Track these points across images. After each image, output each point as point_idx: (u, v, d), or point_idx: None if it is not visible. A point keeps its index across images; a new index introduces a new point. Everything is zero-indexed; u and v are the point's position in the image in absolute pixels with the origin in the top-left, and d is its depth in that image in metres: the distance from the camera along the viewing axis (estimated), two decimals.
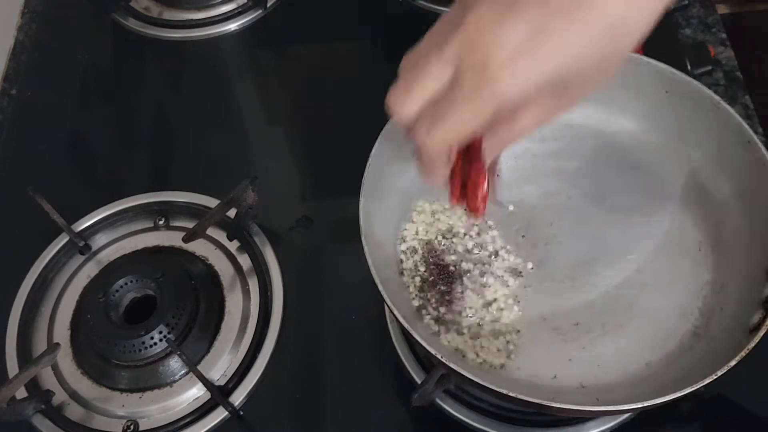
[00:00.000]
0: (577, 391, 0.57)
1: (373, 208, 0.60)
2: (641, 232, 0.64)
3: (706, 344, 0.58)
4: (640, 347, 0.59)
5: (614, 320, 0.60)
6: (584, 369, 0.58)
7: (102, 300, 0.67)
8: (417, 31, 0.96)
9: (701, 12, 0.88)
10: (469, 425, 0.63)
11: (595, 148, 0.69)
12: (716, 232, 0.63)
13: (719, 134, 0.63)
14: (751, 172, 0.60)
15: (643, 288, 0.62)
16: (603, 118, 0.69)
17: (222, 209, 0.71)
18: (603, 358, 0.59)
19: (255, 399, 0.66)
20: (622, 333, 0.60)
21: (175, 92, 0.89)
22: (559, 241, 0.65)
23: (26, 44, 0.94)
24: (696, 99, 0.63)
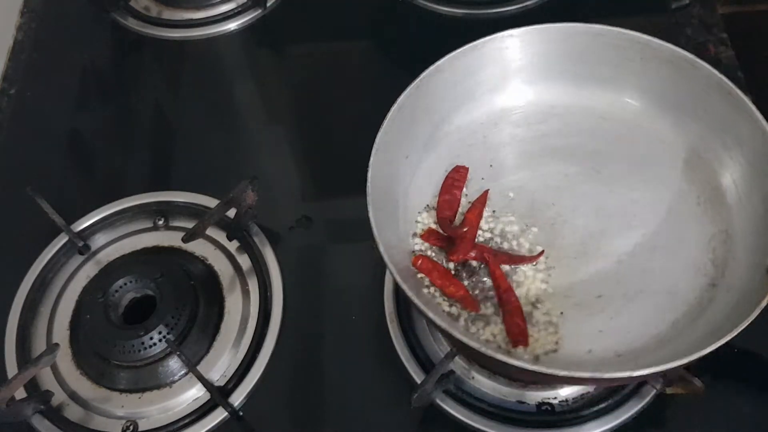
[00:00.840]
0: (615, 360, 0.57)
1: (381, 212, 0.60)
2: (641, 198, 0.65)
3: (726, 294, 0.59)
4: (663, 308, 0.60)
5: (633, 287, 0.61)
6: (616, 338, 0.59)
7: (101, 300, 0.67)
8: (417, 31, 0.97)
9: (701, 12, 0.88)
10: (469, 425, 0.63)
11: (581, 125, 0.70)
12: (712, 184, 0.65)
13: (703, 94, 0.64)
14: (735, 121, 0.62)
15: (654, 251, 0.63)
16: (584, 94, 0.70)
17: (222, 209, 0.71)
18: (631, 325, 0.59)
19: (255, 399, 0.66)
20: (643, 297, 0.61)
21: (175, 92, 0.89)
22: (564, 219, 0.65)
23: (26, 44, 0.94)
24: (674, 62, 0.65)
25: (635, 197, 0.66)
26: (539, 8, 0.89)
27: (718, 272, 0.61)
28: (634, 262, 0.62)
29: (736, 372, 0.64)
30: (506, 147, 0.70)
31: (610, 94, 0.70)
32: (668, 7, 0.87)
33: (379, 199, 0.60)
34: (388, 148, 0.62)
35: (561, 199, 0.66)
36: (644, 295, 0.61)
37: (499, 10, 0.89)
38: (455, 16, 0.90)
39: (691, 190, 0.65)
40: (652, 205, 0.65)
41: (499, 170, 0.68)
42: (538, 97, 0.71)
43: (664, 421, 0.63)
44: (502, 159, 0.69)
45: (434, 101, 0.68)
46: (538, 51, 0.70)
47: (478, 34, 0.67)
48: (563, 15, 0.88)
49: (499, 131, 0.70)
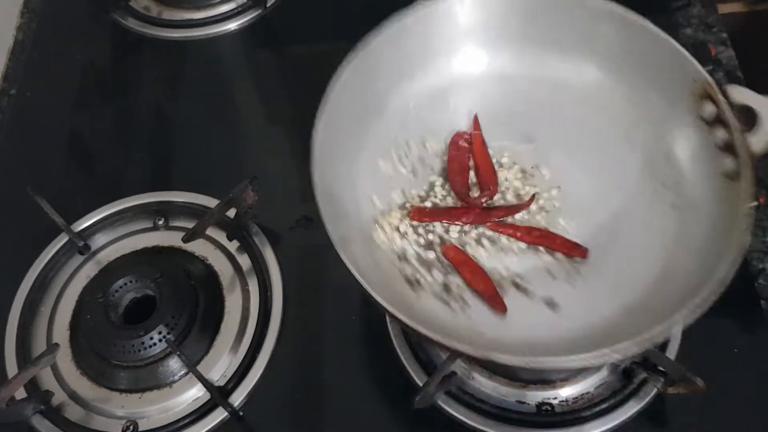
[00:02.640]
0: (627, 315, 0.56)
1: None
2: (574, 144, 0.65)
3: (692, 211, 0.59)
4: (646, 246, 0.59)
5: (608, 235, 0.61)
6: (610, 300, 0.57)
7: (101, 300, 0.67)
8: None
9: (702, 12, 0.88)
10: (469, 425, 0.63)
11: (493, 93, 0.68)
12: (642, 114, 0.64)
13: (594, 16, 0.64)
14: (641, 48, 0.62)
15: (607, 191, 0.62)
16: (497, 60, 0.69)
17: (222, 209, 0.71)
18: (621, 275, 0.58)
19: (255, 399, 0.66)
20: (624, 242, 0.60)
21: (175, 92, 0.89)
22: (513, 191, 0.65)
23: (26, 44, 0.94)
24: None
25: (571, 142, 0.65)
26: None
27: (673, 192, 0.61)
28: (596, 208, 0.62)
29: (736, 372, 0.64)
30: (458, 116, 0.68)
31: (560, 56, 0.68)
32: (668, 7, 0.87)
33: (329, 191, 0.59)
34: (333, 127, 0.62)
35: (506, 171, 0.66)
36: (622, 239, 0.60)
37: None
38: None
39: (614, 125, 0.65)
40: (586, 146, 0.65)
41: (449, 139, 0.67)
42: (492, 63, 0.69)
43: (664, 421, 0.63)
44: (453, 128, 0.67)
45: (382, 69, 0.66)
46: (492, 12, 0.68)
47: None
48: None
49: (454, 98, 0.69)
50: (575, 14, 0.65)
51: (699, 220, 0.58)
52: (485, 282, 0.60)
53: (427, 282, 0.61)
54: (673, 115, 0.62)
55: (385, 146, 0.67)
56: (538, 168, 0.65)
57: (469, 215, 0.63)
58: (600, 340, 0.52)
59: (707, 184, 0.58)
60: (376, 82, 0.66)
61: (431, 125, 0.68)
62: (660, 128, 0.63)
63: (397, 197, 0.65)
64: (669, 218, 0.60)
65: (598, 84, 0.67)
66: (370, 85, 0.66)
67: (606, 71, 0.66)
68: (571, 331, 0.57)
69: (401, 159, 0.67)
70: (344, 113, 0.63)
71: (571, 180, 0.64)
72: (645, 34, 0.62)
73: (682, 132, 0.61)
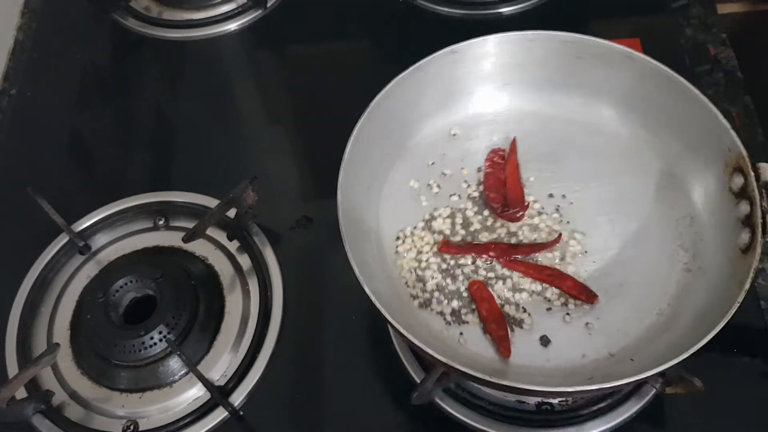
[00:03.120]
0: (609, 361, 0.58)
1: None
2: (600, 194, 0.67)
3: (702, 276, 0.60)
4: (645, 299, 0.61)
5: (612, 282, 0.62)
6: (607, 338, 0.59)
7: (102, 300, 0.67)
8: (417, 31, 0.97)
9: (701, 12, 0.88)
10: (468, 425, 0.63)
11: (532, 129, 0.70)
12: (669, 171, 0.66)
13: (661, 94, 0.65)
14: (677, 105, 0.63)
15: (624, 244, 0.64)
16: (535, 98, 0.71)
17: (222, 209, 0.71)
18: (619, 321, 0.60)
19: (255, 399, 0.66)
20: (624, 291, 0.62)
21: (175, 92, 0.89)
22: (535, 224, 0.66)
23: (26, 44, 0.94)
24: (610, 56, 0.66)
25: (595, 194, 0.67)
26: (539, 9, 0.89)
27: (690, 256, 0.62)
28: (606, 257, 0.63)
29: (736, 372, 0.64)
30: (480, 153, 0.70)
31: (581, 99, 0.70)
32: (668, 7, 0.87)
33: (352, 221, 0.61)
34: (357, 164, 0.63)
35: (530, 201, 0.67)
36: (624, 288, 0.62)
37: (499, 10, 0.89)
38: (455, 17, 0.90)
39: (648, 181, 0.66)
40: (614, 200, 0.66)
41: (473, 174, 0.69)
42: (511, 103, 0.72)
43: (664, 421, 0.63)
44: (476, 164, 0.70)
45: (404, 109, 0.68)
46: (513, 57, 0.70)
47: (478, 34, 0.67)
48: (562, 16, 0.89)
49: (475, 136, 0.71)
50: (623, 69, 0.66)
51: (707, 286, 0.59)
52: (498, 323, 0.61)
53: (439, 304, 0.63)
54: (704, 179, 0.63)
55: (410, 171, 0.69)
56: (559, 210, 0.67)
57: (496, 250, 0.65)
58: (579, 380, 0.56)
59: (723, 254, 0.59)
60: (398, 123, 0.69)
61: (451, 156, 0.70)
62: (690, 190, 0.64)
63: (422, 218, 0.67)
64: (679, 279, 0.61)
65: (632, 137, 0.68)
66: (392, 127, 0.68)
67: (643, 127, 0.68)
68: (559, 369, 0.59)
69: (428, 184, 0.69)
70: (373, 140, 0.66)
71: (590, 223, 0.66)
72: (688, 97, 0.63)
73: (711, 198, 0.62)
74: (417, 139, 0.71)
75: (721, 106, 0.79)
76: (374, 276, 0.60)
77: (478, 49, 0.68)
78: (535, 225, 0.66)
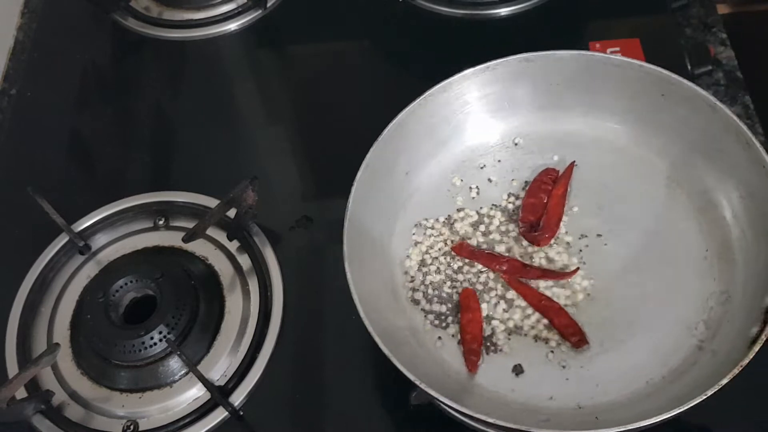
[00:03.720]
0: (573, 413, 0.56)
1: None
2: (643, 242, 0.63)
3: (710, 359, 0.56)
4: (641, 364, 0.57)
5: (614, 337, 0.59)
6: (582, 389, 0.57)
7: (102, 300, 0.67)
8: (417, 31, 0.97)
9: (701, 12, 0.88)
10: (468, 425, 0.63)
11: (595, 157, 0.68)
12: (723, 240, 0.61)
13: (719, 137, 0.61)
14: (751, 175, 0.59)
15: (645, 301, 0.60)
16: (599, 124, 0.69)
17: (222, 209, 0.71)
18: (602, 377, 0.57)
19: (255, 399, 0.66)
20: (622, 350, 0.58)
21: (175, 92, 0.89)
22: (559, 255, 0.64)
23: (26, 44, 0.94)
24: (693, 101, 0.62)
25: (635, 242, 0.63)
26: (539, 9, 0.89)
27: (709, 334, 0.58)
28: (621, 309, 0.60)
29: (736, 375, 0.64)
30: (537, 169, 0.69)
31: (629, 129, 0.68)
32: (668, 7, 0.87)
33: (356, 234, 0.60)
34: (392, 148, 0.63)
35: (560, 233, 0.65)
36: (624, 347, 0.58)
37: (499, 11, 0.89)
38: (455, 17, 0.90)
39: (701, 242, 0.62)
40: (652, 253, 0.62)
41: (519, 187, 0.69)
42: (544, 126, 0.70)
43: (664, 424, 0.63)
44: (527, 177, 0.69)
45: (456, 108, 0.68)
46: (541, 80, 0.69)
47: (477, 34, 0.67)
48: (562, 16, 0.89)
49: (511, 154, 0.70)
50: (664, 96, 0.64)
51: (710, 369, 0.55)
52: (474, 336, 0.61)
53: (428, 303, 0.63)
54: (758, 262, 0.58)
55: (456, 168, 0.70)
56: (585, 249, 0.64)
57: (507, 265, 0.63)
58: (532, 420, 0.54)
59: (736, 341, 0.55)
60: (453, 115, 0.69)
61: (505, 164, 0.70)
62: (738, 269, 0.59)
63: (447, 215, 0.68)
64: (688, 355, 0.57)
65: (700, 195, 0.64)
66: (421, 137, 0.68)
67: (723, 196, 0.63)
68: (520, 403, 0.57)
69: (471, 186, 0.69)
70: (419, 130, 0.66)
71: (615, 272, 0.62)
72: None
73: (754, 282, 0.57)
74: (472, 139, 0.70)
75: None
76: (369, 268, 0.60)
77: (555, 62, 0.67)
78: (551, 258, 0.64)
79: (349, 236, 0.58)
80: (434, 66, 0.68)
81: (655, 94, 0.64)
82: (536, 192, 0.67)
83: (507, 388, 0.58)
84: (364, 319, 0.55)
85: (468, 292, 0.63)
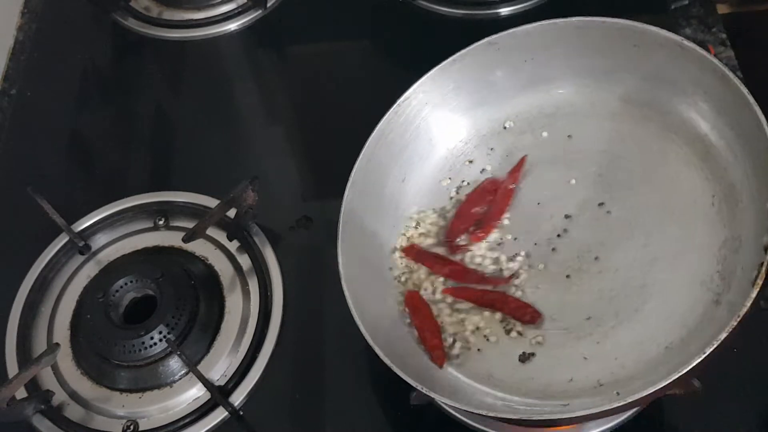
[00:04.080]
0: (594, 391, 0.54)
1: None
2: (647, 202, 0.61)
3: (726, 312, 0.53)
4: (658, 330, 0.55)
5: (628, 306, 0.57)
6: (601, 365, 0.55)
7: (102, 300, 0.67)
8: (417, 31, 0.97)
9: (701, 12, 0.88)
10: (467, 424, 0.63)
11: (587, 125, 0.67)
12: (727, 182, 0.58)
13: (700, 76, 0.60)
14: (739, 110, 0.57)
15: (655, 263, 0.58)
16: (584, 91, 0.67)
17: (222, 209, 0.71)
18: (620, 350, 0.55)
19: (255, 399, 0.66)
20: (637, 318, 0.56)
21: (175, 92, 0.89)
22: (561, 233, 0.63)
23: (26, 44, 0.94)
24: (665, 45, 0.61)
25: (638, 203, 0.61)
26: (539, 8, 0.89)
27: (725, 285, 0.55)
28: (632, 276, 0.58)
29: (735, 372, 0.64)
30: (509, 157, 0.68)
31: (615, 87, 0.66)
32: (668, 7, 0.87)
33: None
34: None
35: (560, 209, 0.64)
36: (639, 315, 0.56)
37: (499, 10, 0.89)
38: (455, 17, 0.90)
39: (707, 188, 0.59)
40: (656, 210, 0.60)
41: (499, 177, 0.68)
42: (530, 103, 0.69)
43: (663, 421, 0.63)
44: (502, 165, 0.68)
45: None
46: (534, 51, 0.68)
47: (477, 34, 0.67)
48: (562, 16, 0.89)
49: (502, 139, 0.69)
50: (636, 47, 0.63)
51: (728, 318, 0.50)
52: (432, 332, 0.60)
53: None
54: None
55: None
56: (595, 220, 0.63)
57: (449, 269, 0.63)
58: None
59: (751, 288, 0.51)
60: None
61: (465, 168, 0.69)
62: (747, 211, 0.57)
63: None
64: (705, 311, 0.55)
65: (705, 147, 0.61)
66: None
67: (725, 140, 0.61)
68: (543, 392, 0.56)
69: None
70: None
71: (622, 236, 0.60)
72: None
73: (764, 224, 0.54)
74: (460, 134, 0.69)
75: None
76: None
77: (522, 38, 0.65)
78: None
79: (344, 226, 0.59)
80: (434, 66, 0.68)
81: (629, 46, 0.63)
82: (474, 203, 0.66)
83: (527, 377, 0.57)
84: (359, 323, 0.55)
85: (410, 294, 0.63)
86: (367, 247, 0.63)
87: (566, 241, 0.62)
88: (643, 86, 0.65)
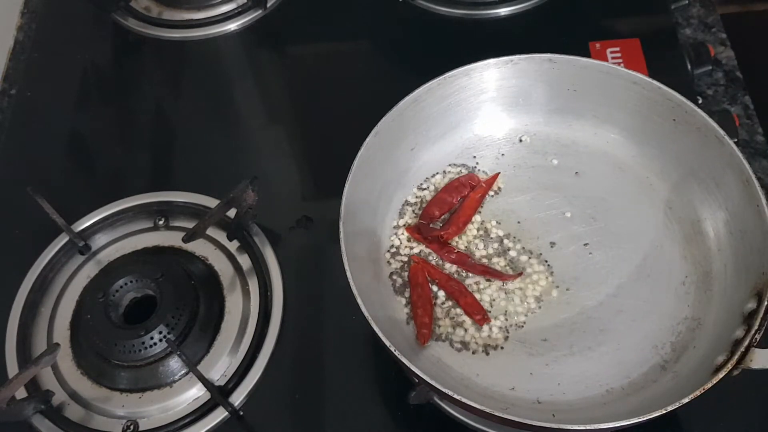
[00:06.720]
0: (531, 406, 0.57)
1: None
2: (627, 258, 0.64)
3: (671, 380, 0.58)
4: (604, 373, 0.59)
5: (583, 342, 0.60)
6: (543, 385, 0.58)
7: (102, 300, 0.67)
8: (417, 31, 0.97)
9: (701, 12, 0.88)
10: (467, 424, 0.63)
11: (596, 169, 0.69)
12: (704, 270, 0.62)
13: (721, 170, 0.62)
14: (745, 212, 0.59)
15: (618, 314, 0.62)
16: (606, 137, 0.69)
17: (222, 209, 0.71)
18: (564, 378, 0.59)
19: (255, 399, 0.66)
20: (588, 356, 0.60)
21: (175, 92, 0.89)
22: (540, 255, 0.65)
23: (26, 44, 0.94)
24: (702, 131, 0.62)
25: (621, 256, 0.64)
26: (538, 8, 0.89)
27: (674, 356, 0.59)
28: (595, 317, 0.62)
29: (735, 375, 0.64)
30: (516, 169, 0.70)
31: (635, 147, 0.68)
32: (668, 7, 0.87)
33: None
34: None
35: (547, 234, 0.66)
36: (590, 354, 0.60)
37: (499, 11, 0.89)
38: (455, 17, 0.90)
39: (683, 267, 0.63)
40: (634, 269, 0.63)
41: (501, 189, 0.69)
42: (552, 129, 0.71)
43: (663, 420, 0.63)
44: (506, 178, 0.70)
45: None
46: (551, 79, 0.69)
47: (477, 34, 0.68)
48: (562, 16, 0.89)
49: (515, 150, 0.71)
50: (675, 122, 0.64)
51: (670, 385, 0.57)
52: (425, 309, 0.62)
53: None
54: (733, 297, 0.59)
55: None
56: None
57: (453, 255, 0.65)
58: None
59: (697, 367, 0.57)
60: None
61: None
62: (714, 299, 0.60)
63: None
64: (648, 371, 0.59)
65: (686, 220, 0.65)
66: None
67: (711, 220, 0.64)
68: (485, 390, 0.59)
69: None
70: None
71: (588, 280, 0.63)
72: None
73: (725, 316, 0.58)
74: (480, 128, 0.71)
75: (721, 106, 0.79)
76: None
77: (578, 68, 0.67)
78: (512, 257, 0.65)
79: (347, 203, 0.60)
80: (434, 66, 0.68)
81: (668, 117, 0.65)
82: (452, 191, 0.68)
83: (472, 373, 0.59)
84: (361, 305, 0.56)
85: (416, 268, 0.64)
86: (367, 217, 0.66)
87: (542, 266, 0.65)
88: (663, 156, 0.67)
